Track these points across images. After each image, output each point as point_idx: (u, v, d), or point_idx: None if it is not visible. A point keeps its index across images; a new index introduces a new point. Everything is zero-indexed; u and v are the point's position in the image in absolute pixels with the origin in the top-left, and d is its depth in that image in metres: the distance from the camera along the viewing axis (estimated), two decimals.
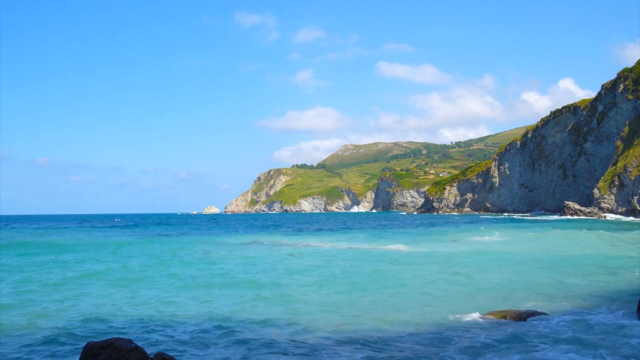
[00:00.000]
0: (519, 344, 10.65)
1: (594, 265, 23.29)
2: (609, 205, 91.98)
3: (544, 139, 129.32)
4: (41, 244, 41.15)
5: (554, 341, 10.65)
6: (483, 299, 15.72)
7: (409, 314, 13.84)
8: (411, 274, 21.17)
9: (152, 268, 24.70)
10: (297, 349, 10.69)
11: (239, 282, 19.95)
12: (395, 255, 28.83)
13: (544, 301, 15.14)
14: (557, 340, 10.72)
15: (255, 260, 27.83)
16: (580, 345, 10.23)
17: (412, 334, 11.71)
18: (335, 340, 11.28)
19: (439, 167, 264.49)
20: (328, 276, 21.04)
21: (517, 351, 10.15)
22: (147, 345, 10.87)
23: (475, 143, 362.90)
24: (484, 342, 10.81)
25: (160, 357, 9.05)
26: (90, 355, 8.79)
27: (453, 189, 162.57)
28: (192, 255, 30.70)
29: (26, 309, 15.03)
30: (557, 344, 10.40)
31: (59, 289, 18.48)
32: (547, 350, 10.03)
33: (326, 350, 10.53)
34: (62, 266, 25.44)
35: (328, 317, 13.57)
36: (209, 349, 10.85)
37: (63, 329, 12.59)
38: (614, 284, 17.95)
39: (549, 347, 10.28)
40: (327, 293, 17.37)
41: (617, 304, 14.31)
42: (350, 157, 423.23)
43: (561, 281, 18.84)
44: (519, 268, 22.74)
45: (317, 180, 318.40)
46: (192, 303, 15.92)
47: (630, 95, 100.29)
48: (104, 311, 14.73)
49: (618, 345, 10.19)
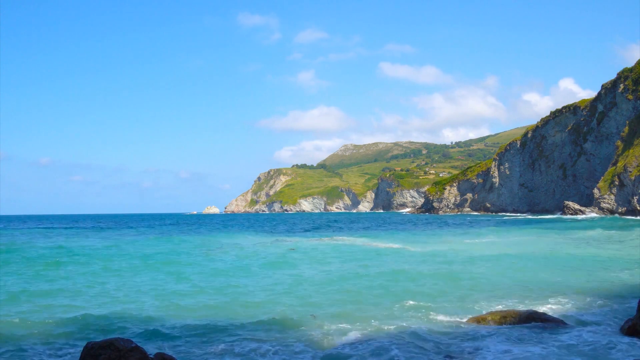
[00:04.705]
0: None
1: (592, 265, 23.28)
2: (609, 205, 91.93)
3: (544, 139, 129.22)
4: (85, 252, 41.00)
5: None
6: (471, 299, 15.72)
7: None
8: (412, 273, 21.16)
9: (156, 266, 24.70)
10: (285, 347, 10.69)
11: (241, 283, 19.95)
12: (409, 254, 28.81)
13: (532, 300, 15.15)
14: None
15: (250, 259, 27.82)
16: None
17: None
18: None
19: (439, 167, 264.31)
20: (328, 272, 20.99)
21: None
22: (148, 345, 10.87)
23: (475, 143, 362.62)
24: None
25: (160, 357, 9.05)
26: (90, 355, 8.80)
27: (453, 189, 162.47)
28: (222, 258, 30.67)
29: (27, 308, 15.03)
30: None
31: (63, 288, 18.50)
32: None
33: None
34: (85, 265, 25.45)
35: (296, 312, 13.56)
36: (209, 350, 10.85)
37: (63, 328, 12.58)
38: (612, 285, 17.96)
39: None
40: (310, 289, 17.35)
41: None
42: (350, 157, 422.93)
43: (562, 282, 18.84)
44: (517, 268, 22.73)
45: (317, 180, 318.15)
46: (193, 303, 15.91)
47: (630, 95, 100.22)
48: (105, 311, 14.72)
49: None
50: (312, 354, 10.44)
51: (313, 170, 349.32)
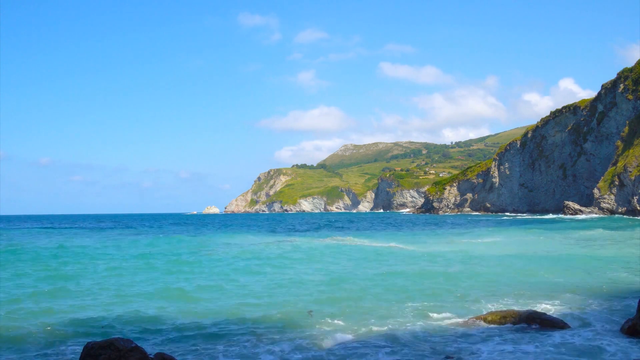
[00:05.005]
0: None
1: (592, 265, 23.29)
2: (609, 205, 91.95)
3: (544, 139, 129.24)
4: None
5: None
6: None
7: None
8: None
9: (156, 266, 24.71)
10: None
11: (240, 283, 19.95)
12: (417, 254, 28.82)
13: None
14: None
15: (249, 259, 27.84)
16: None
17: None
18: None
19: (439, 167, 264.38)
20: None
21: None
22: (148, 345, 10.88)
23: (475, 143, 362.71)
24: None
25: (160, 357, 9.05)
26: (90, 355, 8.80)
27: (453, 189, 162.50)
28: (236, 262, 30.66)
29: (27, 308, 15.03)
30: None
31: (65, 287, 18.50)
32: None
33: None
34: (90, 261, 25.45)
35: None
36: (209, 349, 10.86)
37: (63, 328, 12.59)
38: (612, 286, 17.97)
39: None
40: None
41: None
42: (350, 157, 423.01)
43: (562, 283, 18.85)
44: (517, 268, 22.74)
45: (317, 180, 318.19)
46: (193, 303, 15.92)
47: (630, 95, 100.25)
48: (105, 311, 14.73)
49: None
50: (312, 353, 10.45)
51: (313, 170, 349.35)
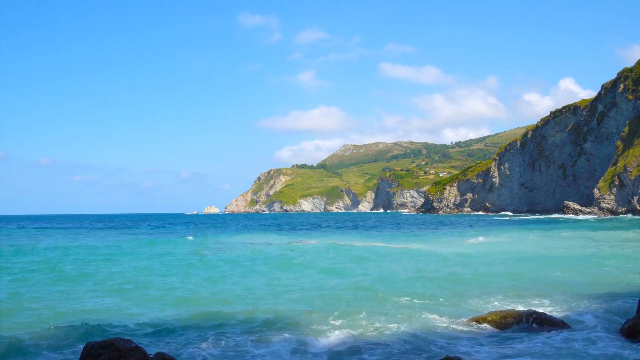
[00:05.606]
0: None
1: (592, 265, 23.29)
2: (609, 205, 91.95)
3: (544, 139, 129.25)
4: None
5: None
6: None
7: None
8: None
9: (156, 266, 24.73)
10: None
11: (240, 283, 19.97)
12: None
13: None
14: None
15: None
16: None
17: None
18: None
19: (439, 167, 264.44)
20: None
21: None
22: (148, 345, 10.89)
23: (475, 143, 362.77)
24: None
25: (160, 357, 9.06)
26: (90, 355, 8.81)
27: (453, 189, 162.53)
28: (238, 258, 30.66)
29: (27, 308, 15.04)
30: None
31: (64, 288, 18.51)
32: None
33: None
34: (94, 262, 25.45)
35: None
36: (209, 349, 10.86)
37: (63, 328, 12.59)
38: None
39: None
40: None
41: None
42: (350, 157, 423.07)
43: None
44: (516, 268, 22.75)
45: (317, 180, 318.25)
46: (193, 303, 15.93)
47: (630, 95, 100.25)
48: (105, 311, 14.74)
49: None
50: (311, 353, 10.47)
51: (313, 170, 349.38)
